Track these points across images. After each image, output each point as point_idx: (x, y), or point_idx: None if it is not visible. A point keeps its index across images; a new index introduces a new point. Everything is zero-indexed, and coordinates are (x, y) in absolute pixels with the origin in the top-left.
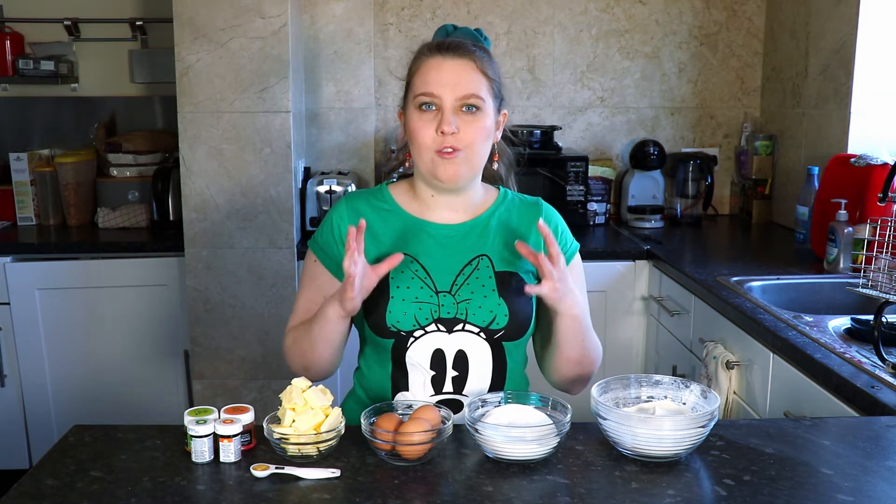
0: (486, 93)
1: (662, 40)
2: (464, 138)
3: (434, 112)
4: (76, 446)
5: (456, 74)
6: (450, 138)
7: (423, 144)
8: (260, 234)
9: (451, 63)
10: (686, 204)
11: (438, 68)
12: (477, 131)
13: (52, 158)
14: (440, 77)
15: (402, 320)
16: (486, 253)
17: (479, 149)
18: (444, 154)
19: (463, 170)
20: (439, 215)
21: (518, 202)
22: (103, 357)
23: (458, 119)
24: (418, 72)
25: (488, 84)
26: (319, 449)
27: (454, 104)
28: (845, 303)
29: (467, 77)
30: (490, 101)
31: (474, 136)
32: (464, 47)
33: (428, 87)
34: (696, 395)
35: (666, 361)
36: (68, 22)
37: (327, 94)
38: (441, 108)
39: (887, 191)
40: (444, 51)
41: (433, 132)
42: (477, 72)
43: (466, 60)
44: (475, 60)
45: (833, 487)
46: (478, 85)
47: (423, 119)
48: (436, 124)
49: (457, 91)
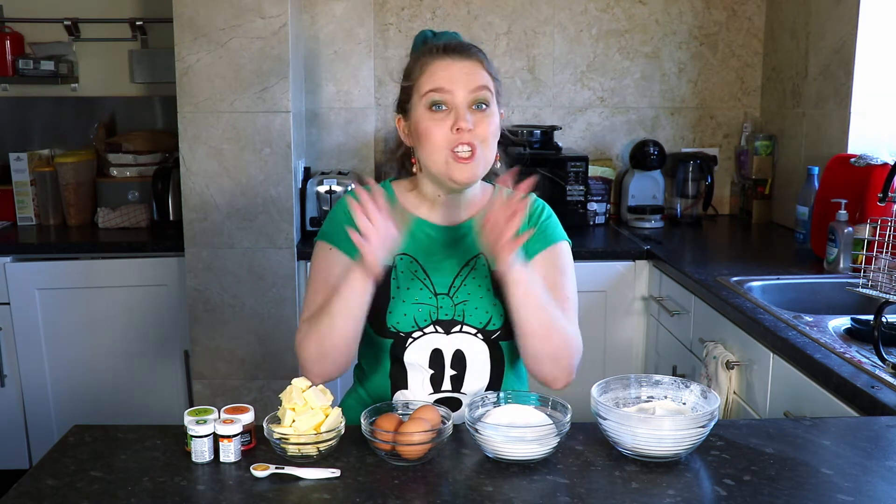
0: (493, 90)
1: (662, 40)
2: (479, 134)
3: (445, 111)
4: (76, 446)
5: (465, 73)
6: (466, 135)
7: (437, 144)
8: (260, 234)
9: (459, 63)
10: (686, 204)
11: (448, 68)
12: (490, 127)
13: (52, 158)
14: (450, 74)
15: (402, 321)
16: (482, 252)
17: (492, 145)
18: (460, 159)
19: (479, 169)
20: (440, 215)
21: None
22: (103, 357)
23: (471, 116)
24: (425, 73)
25: (492, 83)
26: (319, 449)
27: (466, 100)
28: (845, 303)
29: (477, 73)
30: (494, 99)
31: (488, 131)
32: (469, 49)
33: (438, 83)
34: (696, 395)
35: (666, 361)
36: (68, 22)
37: (327, 94)
38: (454, 105)
39: (887, 191)
40: (452, 52)
41: (447, 131)
42: (483, 70)
43: (474, 61)
44: (481, 61)
45: (833, 487)
46: (487, 81)
47: (435, 119)
48: (450, 122)
49: (469, 84)
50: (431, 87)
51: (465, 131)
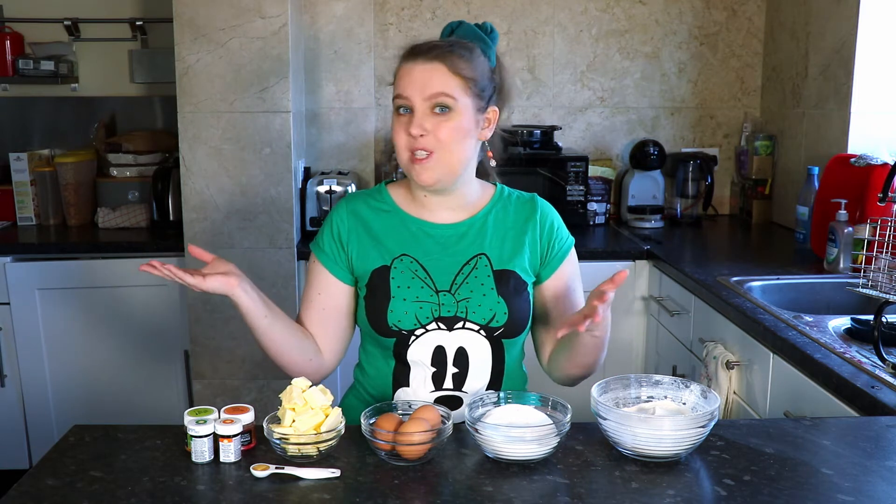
0: (459, 92)
1: (662, 40)
2: (435, 139)
3: (409, 115)
4: (76, 446)
5: (423, 77)
6: (420, 140)
7: (399, 146)
8: (260, 234)
9: (420, 67)
10: (686, 204)
11: (409, 72)
12: (449, 131)
13: (52, 158)
14: (410, 80)
15: (404, 319)
16: (484, 252)
17: (455, 149)
18: (416, 160)
19: (438, 173)
20: (437, 215)
21: (514, 199)
22: (103, 357)
23: (430, 120)
24: (397, 76)
25: (462, 83)
26: (319, 449)
27: (424, 105)
28: (845, 303)
29: (436, 78)
30: (466, 100)
31: (447, 136)
32: (435, 50)
33: (399, 89)
34: (696, 395)
35: (666, 361)
36: (68, 22)
37: (327, 94)
38: (413, 110)
39: (887, 191)
40: (416, 55)
41: (406, 134)
42: (447, 72)
43: (436, 63)
44: (447, 61)
45: (833, 487)
46: (447, 85)
47: (399, 122)
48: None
49: (425, 91)
50: (396, 91)
51: (417, 136)
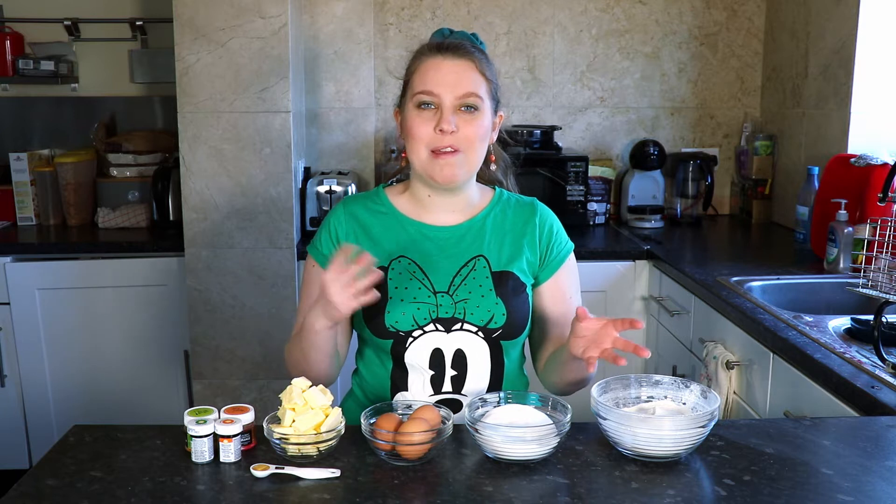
0: (484, 93)
1: (662, 40)
2: (463, 137)
3: (433, 111)
4: (76, 446)
5: (456, 74)
6: (448, 137)
7: (420, 140)
8: (260, 234)
9: (450, 63)
10: (686, 204)
11: (438, 68)
12: (476, 130)
13: (52, 158)
14: (440, 76)
15: (401, 320)
16: (482, 254)
17: (478, 148)
18: (442, 154)
19: (459, 171)
20: (436, 217)
21: (514, 202)
22: (103, 357)
23: (456, 118)
24: (417, 71)
25: (487, 85)
26: (319, 449)
27: (453, 103)
28: (845, 303)
29: (467, 77)
30: (488, 102)
31: (474, 134)
32: (463, 48)
33: (427, 85)
34: (696, 395)
35: (666, 361)
36: (68, 22)
37: (327, 94)
38: (440, 106)
39: (887, 191)
40: (444, 51)
41: (430, 129)
42: (476, 72)
43: (466, 61)
44: (475, 61)
45: (833, 487)
46: (477, 85)
47: (422, 116)
48: (434, 122)
49: (457, 90)
50: (421, 88)
51: (448, 133)
